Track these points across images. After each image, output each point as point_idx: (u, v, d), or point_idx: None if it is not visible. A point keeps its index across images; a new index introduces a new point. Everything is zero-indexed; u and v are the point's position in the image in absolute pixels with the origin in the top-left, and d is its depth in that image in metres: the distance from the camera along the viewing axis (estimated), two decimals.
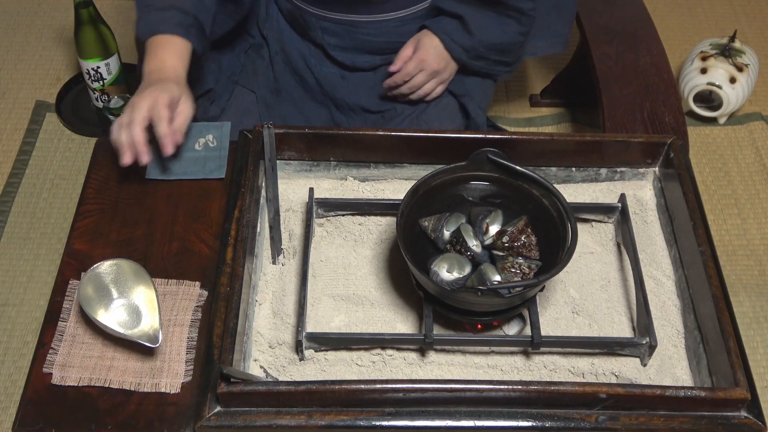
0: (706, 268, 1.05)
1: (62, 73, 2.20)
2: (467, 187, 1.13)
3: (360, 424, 0.94)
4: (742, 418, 0.95)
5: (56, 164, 1.99)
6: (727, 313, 1.01)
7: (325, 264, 1.17)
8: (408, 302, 1.12)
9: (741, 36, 2.19)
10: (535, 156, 1.21)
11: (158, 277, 1.09)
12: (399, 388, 0.93)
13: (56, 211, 1.90)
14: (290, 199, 1.23)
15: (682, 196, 1.14)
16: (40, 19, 2.36)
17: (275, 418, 0.94)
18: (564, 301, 1.13)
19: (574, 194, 1.24)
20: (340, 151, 1.21)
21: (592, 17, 1.82)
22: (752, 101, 2.18)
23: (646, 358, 1.06)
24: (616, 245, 1.20)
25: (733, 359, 0.96)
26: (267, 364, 1.06)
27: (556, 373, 1.06)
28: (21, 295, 1.75)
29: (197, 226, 1.15)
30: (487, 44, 1.39)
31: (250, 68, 1.49)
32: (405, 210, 1.07)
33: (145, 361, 1.01)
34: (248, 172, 1.13)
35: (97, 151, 1.24)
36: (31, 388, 0.99)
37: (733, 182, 2.01)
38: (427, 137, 1.20)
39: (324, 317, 1.11)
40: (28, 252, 1.82)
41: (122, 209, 1.17)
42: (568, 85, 2.11)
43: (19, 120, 2.09)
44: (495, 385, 0.94)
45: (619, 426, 0.94)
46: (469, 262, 1.07)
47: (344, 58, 1.44)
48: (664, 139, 1.21)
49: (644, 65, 1.71)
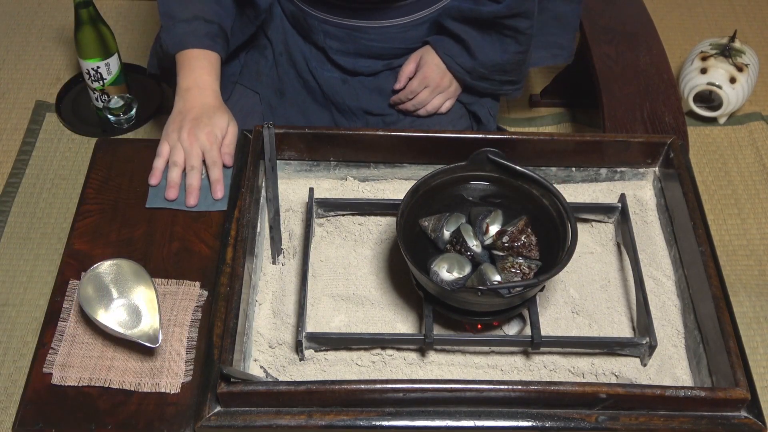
0: (706, 268, 1.05)
1: (62, 73, 2.20)
2: (467, 187, 1.13)
3: (360, 424, 0.94)
4: (742, 418, 0.95)
5: (56, 164, 1.99)
6: (727, 313, 1.01)
7: (325, 264, 1.17)
8: (408, 302, 1.12)
9: (741, 36, 2.20)
10: (535, 156, 1.21)
11: (158, 277, 1.09)
12: (399, 388, 0.93)
13: (56, 211, 1.90)
14: (290, 199, 1.23)
15: (682, 196, 1.14)
16: (40, 19, 2.36)
17: (275, 418, 0.94)
18: (564, 301, 1.13)
19: (574, 194, 1.24)
20: (340, 151, 1.21)
21: (592, 17, 1.82)
22: (752, 101, 2.18)
23: (646, 358, 1.06)
24: (616, 245, 1.20)
25: (733, 359, 0.96)
26: (267, 364, 1.06)
27: (556, 373, 1.06)
28: (21, 295, 1.75)
29: (197, 226, 1.15)
30: (488, 65, 1.39)
31: (254, 69, 1.48)
32: (405, 210, 1.07)
33: (145, 361, 1.01)
34: (248, 172, 1.13)
35: (97, 151, 1.24)
36: (31, 388, 0.99)
37: (733, 182, 2.01)
38: (427, 137, 1.20)
39: (324, 317, 1.11)
40: (28, 252, 1.82)
41: (122, 209, 1.17)
42: (568, 85, 2.11)
43: (19, 120, 2.09)
44: (495, 385, 0.94)
45: (619, 426, 0.94)
46: (469, 262, 1.07)
47: (346, 62, 1.44)
48: (664, 139, 1.21)
49: (644, 65, 1.71)
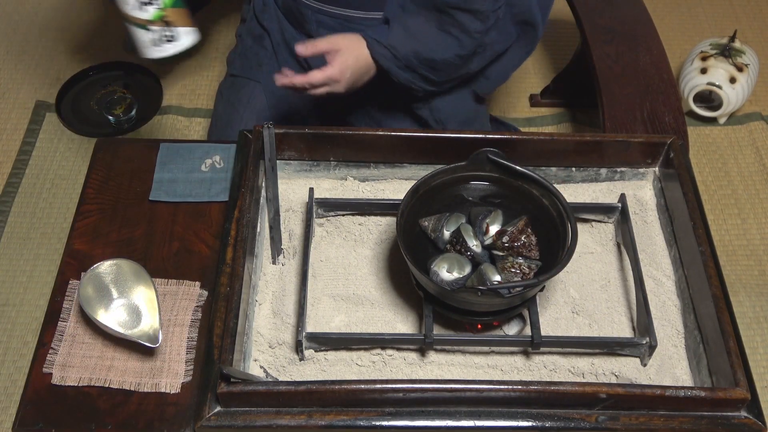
0: (706, 268, 1.05)
1: (62, 73, 2.20)
2: (467, 187, 1.13)
3: (360, 424, 0.94)
4: (742, 418, 0.95)
5: (56, 164, 1.99)
6: (727, 313, 1.01)
7: (325, 264, 1.17)
8: (408, 302, 1.12)
9: (741, 36, 2.19)
10: (535, 156, 1.21)
11: (158, 277, 1.09)
12: (399, 388, 0.93)
13: (56, 211, 1.90)
14: (290, 199, 1.23)
15: (682, 196, 1.14)
16: (40, 19, 2.36)
17: (275, 418, 0.94)
18: (564, 301, 1.13)
19: (574, 194, 1.24)
20: (340, 151, 1.21)
21: (592, 17, 1.82)
22: (752, 101, 2.18)
23: (646, 358, 1.06)
24: (616, 245, 1.20)
25: (733, 359, 0.96)
26: (267, 364, 1.06)
27: (556, 373, 1.06)
28: (21, 295, 1.75)
29: (197, 226, 1.15)
30: (423, 57, 1.32)
31: (254, 60, 1.49)
32: (405, 210, 1.07)
33: (145, 361, 1.01)
34: (248, 172, 1.13)
35: (97, 151, 1.24)
36: (31, 388, 0.99)
37: (733, 182, 2.01)
38: (427, 137, 1.20)
39: (324, 317, 1.11)
40: (28, 252, 1.82)
41: (122, 209, 1.17)
42: (568, 85, 2.11)
43: (19, 120, 2.09)
44: (495, 385, 0.94)
45: (619, 426, 0.94)
46: (469, 262, 1.07)
47: None
48: (664, 139, 1.21)
49: (644, 65, 1.71)
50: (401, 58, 1.32)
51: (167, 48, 1.16)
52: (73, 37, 2.31)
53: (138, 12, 1.12)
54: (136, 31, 1.15)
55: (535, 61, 2.30)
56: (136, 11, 1.12)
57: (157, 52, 1.17)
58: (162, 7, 1.13)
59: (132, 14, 1.13)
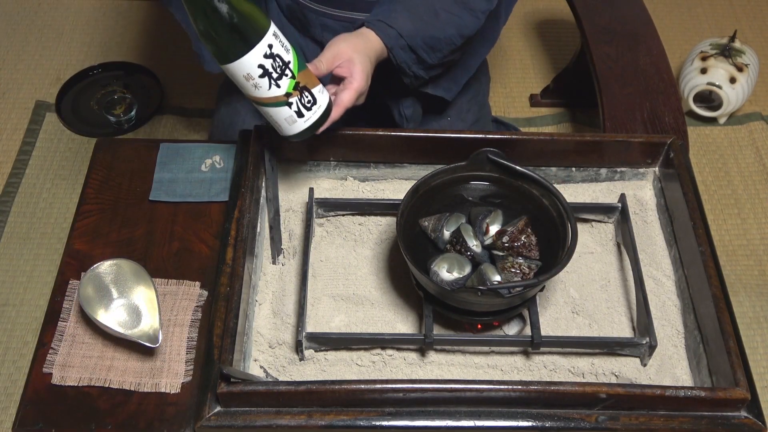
0: (706, 268, 1.05)
1: (62, 73, 2.20)
2: (467, 187, 1.13)
3: (360, 424, 0.94)
4: (742, 418, 0.95)
5: (56, 164, 1.99)
6: (727, 313, 1.01)
7: (325, 264, 1.17)
8: (408, 302, 1.12)
9: (741, 36, 2.20)
10: (535, 156, 1.21)
11: (158, 277, 1.09)
12: (399, 388, 0.93)
13: (56, 211, 1.90)
14: (290, 199, 1.23)
15: (682, 196, 1.14)
16: (40, 19, 2.36)
17: (275, 418, 0.94)
18: (564, 301, 1.13)
19: (574, 194, 1.24)
20: (340, 151, 1.21)
21: (592, 17, 1.82)
22: (752, 101, 2.18)
23: (646, 358, 1.06)
24: (616, 245, 1.20)
25: (733, 359, 0.96)
26: (267, 364, 1.06)
27: (556, 373, 1.06)
28: (21, 295, 1.75)
29: (197, 226, 1.15)
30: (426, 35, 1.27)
31: None
32: (405, 210, 1.07)
33: (145, 361, 1.01)
34: (248, 172, 1.13)
35: (97, 151, 1.24)
36: (31, 388, 0.99)
37: (733, 182, 2.01)
38: (427, 137, 1.20)
39: (324, 317, 1.11)
40: (28, 252, 1.82)
41: (122, 209, 1.17)
42: (568, 85, 2.11)
43: (19, 120, 2.09)
44: (495, 385, 0.94)
45: (619, 426, 0.94)
46: (469, 262, 1.07)
47: None
48: (664, 139, 1.21)
49: (644, 65, 1.71)
50: (405, 37, 1.26)
51: (310, 115, 1.05)
52: (73, 37, 2.31)
53: (273, 91, 1.01)
54: (276, 111, 1.04)
55: (535, 61, 2.30)
56: (270, 91, 1.01)
57: (303, 124, 1.05)
58: (294, 74, 1.01)
59: (266, 96, 1.01)
